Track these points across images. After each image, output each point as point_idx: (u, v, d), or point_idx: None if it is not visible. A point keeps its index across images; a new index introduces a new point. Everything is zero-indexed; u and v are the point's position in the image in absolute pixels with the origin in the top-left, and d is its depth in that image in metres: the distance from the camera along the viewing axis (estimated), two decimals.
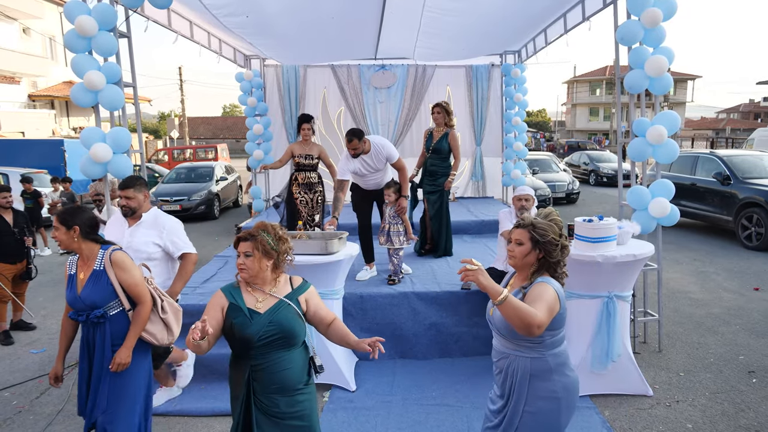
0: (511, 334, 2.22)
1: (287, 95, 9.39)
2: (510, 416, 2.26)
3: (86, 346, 2.91)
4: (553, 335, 2.23)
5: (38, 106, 24.39)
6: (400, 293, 4.65)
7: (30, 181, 9.52)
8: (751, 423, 3.57)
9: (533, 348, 2.22)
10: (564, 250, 2.27)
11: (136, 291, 2.86)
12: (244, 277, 2.36)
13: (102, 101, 4.16)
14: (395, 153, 5.07)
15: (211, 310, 2.33)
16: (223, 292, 2.39)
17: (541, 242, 2.22)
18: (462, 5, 5.69)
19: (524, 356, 2.23)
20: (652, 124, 4.30)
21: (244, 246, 2.34)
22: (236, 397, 2.36)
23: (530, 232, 2.23)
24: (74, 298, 2.82)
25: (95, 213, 7.78)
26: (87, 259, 2.85)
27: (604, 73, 50.21)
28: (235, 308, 2.33)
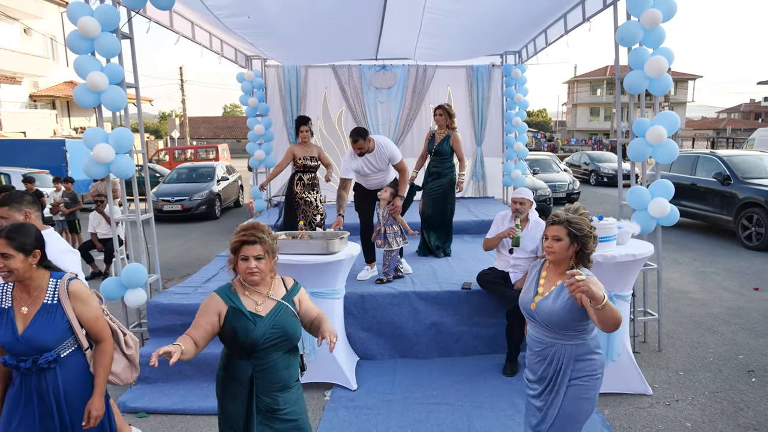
0: (558, 326, 2.35)
1: (288, 95, 9.42)
2: (555, 394, 2.40)
3: (24, 402, 2.33)
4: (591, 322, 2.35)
5: (39, 106, 24.45)
6: (401, 293, 4.67)
7: (32, 182, 9.53)
8: (750, 422, 3.59)
9: (578, 335, 2.36)
10: (595, 241, 2.40)
11: (97, 326, 2.41)
12: (256, 280, 2.30)
13: (104, 102, 4.18)
14: (398, 154, 5.09)
15: (206, 315, 2.27)
16: (220, 296, 2.31)
17: (579, 236, 2.33)
18: (463, 6, 5.71)
19: (569, 343, 2.37)
20: (651, 124, 4.32)
21: (255, 249, 2.26)
22: (233, 396, 2.31)
23: (567, 227, 2.33)
24: (12, 339, 2.25)
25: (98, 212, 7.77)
26: (32, 290, 2.32)
27: (604, 73, 50.19)
28: (236, 312, 2.28)
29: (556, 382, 2.41)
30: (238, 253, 2.27)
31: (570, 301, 2.29)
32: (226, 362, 2.37)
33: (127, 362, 2.65)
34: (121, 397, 4.00)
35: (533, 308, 2.44)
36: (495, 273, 4.51)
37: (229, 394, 2.35)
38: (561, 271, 2.41)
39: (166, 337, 4.53)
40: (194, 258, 8.75)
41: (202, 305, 2.32)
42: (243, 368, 2.30)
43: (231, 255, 2.33)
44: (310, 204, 5.97)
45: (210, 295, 2.35)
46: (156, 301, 4.61)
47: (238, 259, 2.28)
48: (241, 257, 2.27)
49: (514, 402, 3.85)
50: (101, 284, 4.44)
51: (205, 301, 2.33)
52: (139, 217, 4.63)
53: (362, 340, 4.64)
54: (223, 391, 2.37)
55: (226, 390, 2.36)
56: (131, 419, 3.79)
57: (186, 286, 5.20)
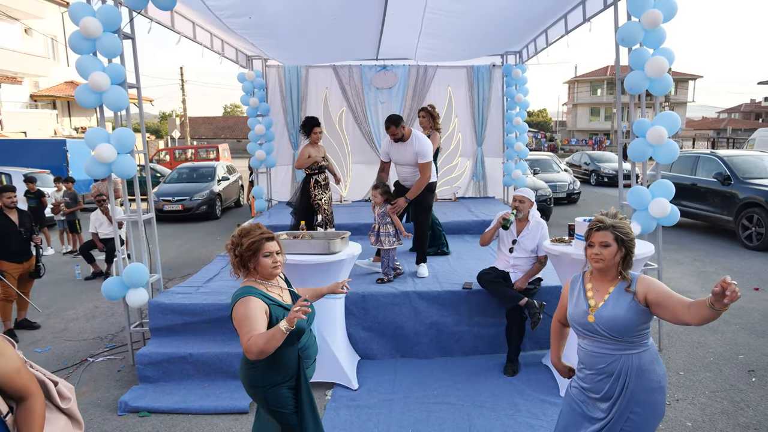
0: (620, 335, 2.26)
1: (289, 96, 9.43)
2: (618, 415, 2.29)
3: None
4: (648, 327, 2.32)
5: (40, 106, 24.47)
6: (402, 292, 4.68)
7: (33, 181, 9.56)
8: (750, 421, 3.59)
9: (638, 343, 2.29)
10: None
11: (20, 381, 1.77)
12: (279, 273, 2.51)
13: (106, 102, 4.18)
14: (427, 154, 5.04)
15: (259, 318, 2.29)
16: (256, 296, 2.37)
17: (626, 241, 2.29)
18: (463, 6, 5.72)
19: (632, 353, 2.28)
20: (652, 124, 4.33)
21: (274, 245, 2.47)
22: (284, 380, 2.46)
23: (613, 232, 2.28)
24: None
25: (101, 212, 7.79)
26: None
27: (605, 73, 50.19)
28: (276, 306, 2.42)
29: (621, 400, 2.28)
30: (260, 251, 2.42)
31: (634, 303, 2.24)
32: (267, 360, 2.35)
33: (66, 419, 1.95)
34: (122, 396, 4.01)
35: (591, 321, 2.31)
36: (495, 273, 4.52)
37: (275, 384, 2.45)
38: (609, 279, 2.34)
39: (168, 337, 4.54)
40: (195, 258, 8.77)
41: (248, 310, 2.29)
42: (291, 354, 2.45)
43: (245, 256, 2.43)
44: (328, 202, 5.92)
45: (242, 299, 2.33)
46: (157, 301, 4.62)
47: (261, 257, 2.43)
48: (263, 254, 2.43)
49: (515, 401, 3.86)
50: (103, 284, 4.45)
51: (244, 307, 2.30)
52: (141, 217, 4.64)
53: (363, 340, 4.65)
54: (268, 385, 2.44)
55: (273, 382, 2.45)
56: (133, 419, 3.81)
57: (187, 285, 5.21)
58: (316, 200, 5.84)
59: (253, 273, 2.47)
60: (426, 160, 5.04)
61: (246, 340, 2.20)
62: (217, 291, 4.96)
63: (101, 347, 5.16)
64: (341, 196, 9.73)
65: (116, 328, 5.65)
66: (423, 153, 5.03)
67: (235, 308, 2.33)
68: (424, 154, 5.03)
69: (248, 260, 2.44)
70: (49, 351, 5.11)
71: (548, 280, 4.69)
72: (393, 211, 4.97)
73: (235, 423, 3.71)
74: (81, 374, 4.56)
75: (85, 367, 4.72)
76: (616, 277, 2.33)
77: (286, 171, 9.71)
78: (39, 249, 5.67)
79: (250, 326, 2.23)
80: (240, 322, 2.27)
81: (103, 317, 6.04)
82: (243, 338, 2.22)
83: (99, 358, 4.88)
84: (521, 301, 4.17)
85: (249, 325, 2.23)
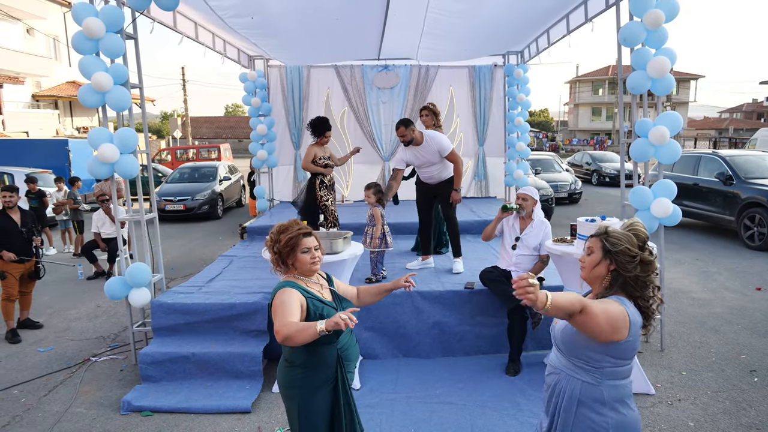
0: (567, 350, 2.02)
1: (291, 96, 9.44)
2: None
3: None
4: (616, 364, 1.96)
5: (42, 106, 24.52)
6: (404, 292, 4.68)
7: (35, 181, 9.57)
8: (752, 421, 3.59)
9: (589, 371, 1.98)
10: (645, 266, 1.96)
11: None
12: (318, 269, 2.49)
13: (109, 102, 4.19)
14: (447, 146, 5.15)
15: (294, 306, 2.27)
16: (296, 289, 2.35)
17: (612, 252, 1.97)
18: (465, 7, 5.72)
19: (576, 378, 2.00)
20: (654, 124, 4.33)
21: (312, 240, 2.44)
22: (322, 383, 2.38)
23: (602, 240, 2.01)
24: None
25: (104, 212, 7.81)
26: None
27: (606, 73, 50.15)
28: (316, 301, 2.38)
29: (556, 425, 2.05)
30: (298, 247, 2.40)
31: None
32: (305, 358, 2.35)
33: None
34: (125, 396, 4.02)
35: (555, 324, 2.13)
36: (497, 271, 4.53)
37: (313, 386, 2.38)
38: (594, 292, 2.09)
39: (170, 337, 4.55)
40: (197, 258, 8.78)
41: (283, 299, 2.28)
42: (330, 354, 2.38)
43: (283, 252, 2.41)
44: (333, 202, 5.90)
45: (281, 290, 2.33)
46: (160, 301, 4.63)
47: (299, 253, 2.40)
48: (302, 250, 2.41)
49: (517, 401, 3.86)
50: (105, 284, 4.47)
51: (281, 297, 2.30)
52: (143, 217, 4.65)
53: (365, 340, 4.65)
54: (305, 386, 2.37)
55: (311, 383, 2.37)
56: (136, 418, 3.82)
57: (189, 285, 5.22)
58: (322, 202, 5.82)
59: (292, 269, 2.46)
60: (450, 150, 5.16)
61: (278, 324, 2.19)
62: (219, 291, 4.97)
63: (104, 347, 5.17)
64: (343, 196, 9.74)
65: (119, 328, 5.67)
66: (443, 147, 5.14)
67: (275, 299, 2.31)
68: (445, 147, 5.14)
69: (287, 256, 2.42)
70: (51, 350, 5.12)
71: (550, 280, 4.70)
72: (455, 204, 5.22)
73: (237, 423, 3.72)
74: (84, 374, 4.57)
75: (88, 366, 4.73)
76: (599, 293, 2.04)
77: (287, 171, 9.72)
78: (39, 250, 5.68)
79: (284, 312, 2.22)
80: (276, 309, 2.27)
81: (106, 317, 6.05)
82: (277, 322, 2.21)
83: (102, 358, 4.89)
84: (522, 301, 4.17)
85: (283, 310, 2.23)
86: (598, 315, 1.84)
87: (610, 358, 1.95)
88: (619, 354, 1.94)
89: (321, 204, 5.82)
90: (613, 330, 1.87)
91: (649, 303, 1.98)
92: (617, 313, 1.89)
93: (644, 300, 1.97)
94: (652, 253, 2.00)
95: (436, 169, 5.29)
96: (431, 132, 5.26)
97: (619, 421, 1.95)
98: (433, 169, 5.29)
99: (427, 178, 5.42)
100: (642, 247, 1.98)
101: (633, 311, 1.94)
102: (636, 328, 1.94)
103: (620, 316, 1.89)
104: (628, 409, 1.98)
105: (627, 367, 1.99)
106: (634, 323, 1.92)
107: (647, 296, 1.97)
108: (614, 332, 1.87)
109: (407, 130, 5.07)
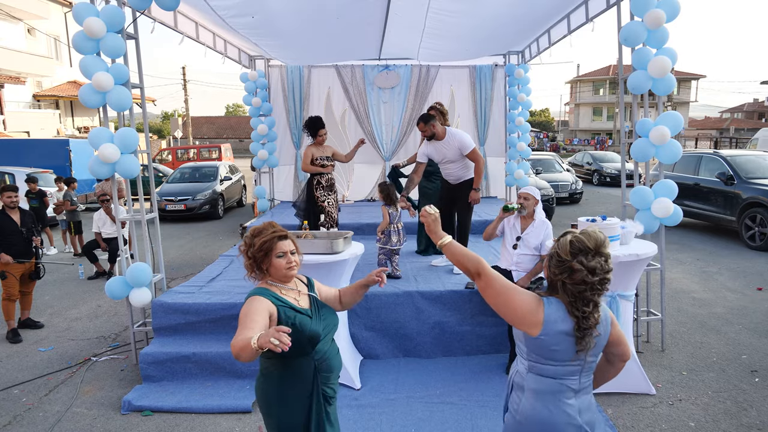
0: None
1: (291, 95, 9.44)
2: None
3: None
4: (538, 360, 1.93)
5: (43, 106, 24.54)
6: (405, 292, 4.69)
7: (35, 181, 9.58)
8: (753, 421, 3.59)
9: (521, 361, 2.02)
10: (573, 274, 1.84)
11: None
12: (294, 274, 2.33)
13: (110, 102, 4.19)
14: (468, 144, 5.17)
15: (257, 319, 2.05)
16: (265, 297, 2.18)
17: (549, 253, 1.96)
18: (466, 7, 5.72)
19: (518, 362, 2.06)
20: (655, 124, 4.33)
21: (289, 244, 2.29)
22: (299, 397, 2.25)
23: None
24: None
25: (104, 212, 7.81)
26: None
27: (607, 73, 50.10)
28: (288, 309, 2.21)
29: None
30: (273, 251, 2.25)
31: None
32: (282, 370, 2.24)
33: None
34: (125, 396, 4.03)
35: None
36: (498, 271, 4.51)
37: (289, 401, 2.24)
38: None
39: (171, 336, 4.55)
40: (197, 258, 8.79)
41: (248, 310, 2.09)
42: (306, 366, 2.24)
43: (257, 257, 2.26)
44: (332, 204, 5.90)
45: (249, 299, 2.16)
46: (161, 301, 4.63)
47: (273, 258, 2.26)
48: (277, 254, 2.26)
49: None
50: (106, 284, 4.47)
51: (247, 306, 2.11)
52: (144, 217, 4.65)
53: (366, 340, 4.65)
54: (281, 401, 2.24)
55: (285, 398, 2.24)
56: (136, 418, 3.82)
57: (190, 285, 5.23)
58: (319, 202, 5.83)
59: (267, 275, 2.30)
60: (471, 149, 5.19)
61: (234, 338, 2.01)
62: (220, 290, 4.97)
63: (104, 346, 5.18)
64: (344, 195, 9.74)
65: (119, 328, 5.67)
66: (465, 144, 5.16)
67: (241, 309, 2.15)
68: (467, 145, 5.17)
69: (261, 261, 2.26)
70: (52, 350, 5.13)
71: None
72: (474, 203, 5.29)
73: (238, 422, 3.72)
74: (84, 373, 4.57)
75: (89, 366, 4.73)
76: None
77: (288, 171, 9.73)
78: (38, 249, 5.69)
79: (244, 325, 2.02)
80: (239, 321, 2.10)
81: (107, 317, 6.06)
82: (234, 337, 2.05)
83: (102, 358, 4.90)
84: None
85: (243, 324, 2.03)
86: (494, 288, 1.88)
87: (532, 353, 1.94)
88: (536, 350, 1.91)
89: (318, 204, 5.82)
90: (514, 317, 1.88)
91: (581, 316, 1.85)
92: (522, 303, 1.87)
93: (577, 311, 1.86)
94: (594, 272, 1.83)
95: (456, 167, 5.33)
96: (454, 129, 5.32)
97: (534, 410, 1.94)
98: (454, 166, 5.33)
99: (447, 175, 5.47)
100: (576, 255, 1.85)
101: (556, 314, 1.87)
102: (553, 330, 1.86)
103: (526, 307, 1.87)
104: (551, 405, 1.92)
105: (551, 368, 1.92)
106: (550, 323, 1.86)
107: (580, 308, 1.85)
108: (517, 321, 1.89)
109: (426, 125, 5.14)
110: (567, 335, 1.86)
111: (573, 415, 1.92)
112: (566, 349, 1.88)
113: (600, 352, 2.00)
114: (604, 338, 1.96)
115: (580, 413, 1.94)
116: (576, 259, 1.84)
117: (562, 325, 1.87)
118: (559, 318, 1.87)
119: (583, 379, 1.96)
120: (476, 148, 5.22)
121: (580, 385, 1.95)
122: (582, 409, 1.95)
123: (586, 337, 1.85)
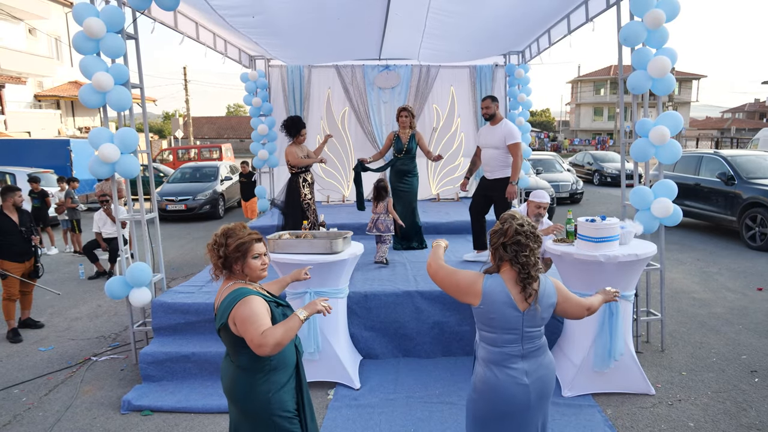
0: None
1: (292, 95, 9.43)
2: None
3: None
4: (482, 329, 2.31)
5: (44, 106, 24.54)
6: (404, 292, 4.69)
7: (37, 181, 9.60)
8: (753, 422, 3.59)
9: (477, 332, 2.38)
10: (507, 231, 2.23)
11: None
12: (266, 275, 2.42)
13: (110, 102, 4.20)
14: (515, 135, 5.35)
15: (265, 314, 2.20)
16: (257, 296, 2.27)
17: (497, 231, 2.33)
18: (466, 8, 5.72)
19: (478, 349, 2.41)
20: (654, 124, 4.32)
21: (263, 246, 2.40)
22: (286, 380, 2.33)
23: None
24: None
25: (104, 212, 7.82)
26: None
27: (608, 73, 50.06)
28: (273, 303, 2.34)
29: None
30: (249, 253, 2.33)
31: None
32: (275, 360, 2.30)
33: None
34: (125, 395, 4.03)
35: None
36: None
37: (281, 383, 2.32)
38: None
39: (171, 336, 4.56)
40: (198, 257, 8.79)
41: (253, 310, 2.18)
42: (290, 353, 2.38)
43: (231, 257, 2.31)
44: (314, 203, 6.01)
45: (243, 299, 2.22)
46: (161, 300, 4.63)
47: (249, 259, 2.33)
48: (253, 256, 2.34)
49: None
50: (106, 283, 4.47)
51: (250, 307, 2.19)
52: (144, 217, 4.66)
53: (365, 340, 4.65)
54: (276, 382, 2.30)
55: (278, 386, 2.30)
56: (136, 417, 3.82)
57: (190, 285, 5.23)
58: (306, 200, 5.89)
59: (239, 275, 2.34)
60: (514, 141, 5.32)
61: (259, 335, 2.08)
62: (219, 290, 4.96)
63: (104, 346, 5.18)
64: (344, 195, 9.74)
65: (119, 327, 5.68)
66: (511, 133, 5.33)
67: (237, 310, 2.18)
68: (514, 135, 5.33)
69: (234, 261, 2.31)
70: (52, 350, 5.13)
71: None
72: (511, 198, 5.40)
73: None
74: (84, 373, 4.58)
75: (89, 365, 4.74)
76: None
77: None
78: (38, 249, 5.70)
79: (259, 322, 2.12)
80: (246, 321, 2.13)
81: (107, 316, 6.07)
82: (254, 334, 2.09)
83: (102, 357, 4.90)
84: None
85: (258, 321, 2.12)
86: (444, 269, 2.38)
87: (478, 323, 2.31)
88: (479, 318, 2.29)
89: (304, 202, 5.88)
90: (458, 290, 2.31)
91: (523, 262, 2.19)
92: (464, 278, 2.30)
93: (517, 262, 2.20)
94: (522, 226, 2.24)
95: (495, 156, 5.43)
96: (508, 121, 5.51)
97: (484, 376, 2.28)
98: (493, 153, 5.45)
99: (485, 163, 5.59)
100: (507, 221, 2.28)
101: (493, 287, 2.23)
102: (490, 300, 2.21)
103: (467, 281, 2.28)
104: (496, 371, 2.25)
105: (494, 336, 2.26)
106: (487, 294, 2.22)
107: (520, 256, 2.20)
108: (461, 294, 2.30)
109: (493, 103, 5.44)
110: (505, 305, 2.20)
111: (517, 376, 2.24)
112: (503, 318, 2.22)
113: (542, 323, 2.29)
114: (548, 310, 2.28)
115: (527, 374, 2.24)
116: (507, 223, 2.27)
117: (500, 296, 2.22)
118: (496, 290, 2.22)
119: (526, 345, 2.26)
120: (520, 144, 5.38)
121: (523, 350, 2.25)
122: (529, 370, 2.25)
123: (528, 288, 2.20)
